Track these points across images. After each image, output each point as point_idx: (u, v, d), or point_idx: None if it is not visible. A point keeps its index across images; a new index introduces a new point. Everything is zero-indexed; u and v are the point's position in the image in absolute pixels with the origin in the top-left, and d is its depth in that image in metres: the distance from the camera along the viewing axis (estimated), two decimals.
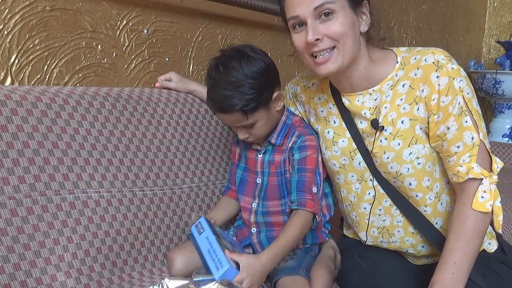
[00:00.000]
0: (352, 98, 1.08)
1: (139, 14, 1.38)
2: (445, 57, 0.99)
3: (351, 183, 1.13)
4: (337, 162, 1.13)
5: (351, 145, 1.10)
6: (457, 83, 0.96)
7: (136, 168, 1.18)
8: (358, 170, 1.10)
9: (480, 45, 3.72)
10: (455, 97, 0.96)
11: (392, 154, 1.03)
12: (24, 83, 1.17)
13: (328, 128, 1.14)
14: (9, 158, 0.98)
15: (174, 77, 1.35)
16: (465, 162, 0.97)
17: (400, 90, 1.02)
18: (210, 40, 1.61)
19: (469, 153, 0.97)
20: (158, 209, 1.20)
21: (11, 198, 0.97)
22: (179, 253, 1.14)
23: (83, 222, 1.06)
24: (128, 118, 1.21)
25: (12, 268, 0.94)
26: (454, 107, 0.96)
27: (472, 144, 0.96)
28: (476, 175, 0.96)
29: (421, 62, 1.00)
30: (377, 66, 1.05)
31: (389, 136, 1.03)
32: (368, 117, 1.06)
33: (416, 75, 1.00)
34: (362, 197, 1.12)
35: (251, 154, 1.22)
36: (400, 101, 1.02)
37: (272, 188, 1.17)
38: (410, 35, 2.80)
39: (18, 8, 1.12)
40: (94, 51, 1.29)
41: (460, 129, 0.97)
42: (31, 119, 1.03)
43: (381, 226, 1.11)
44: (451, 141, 0.98)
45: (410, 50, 1.05)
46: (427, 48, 1.03)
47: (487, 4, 3.69)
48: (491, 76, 3.13)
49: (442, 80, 0.97)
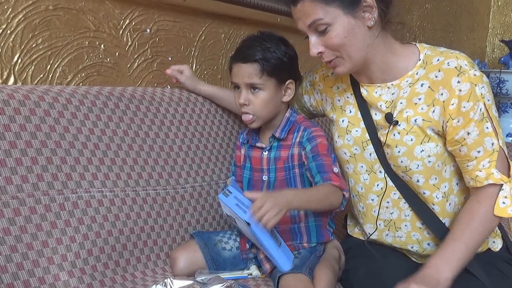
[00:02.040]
0: (370, 89, 1.09)
1: (142, 13, 1.38)
2: (468, 63, 0.99)
3: (359, 174, 1.13)
4: (348, 151, 1.14)
5: (364, 135, 1.11)
6: (479, 90, 0.97)
7: (139, 168, 1.18)
8: (369, 161, 1.11)
9: (484, 44, 3.71)
10: (477, 103, 0.96)
11: (403, 148, 1.04)
12: (27, 82, 1.16)
13: (343, 117, 1.16)
14: (12, 157, 0.98)
15: (187, 71, 1.36)
16: (485, 167, 0.98)
17: (418, 89, 1.02)
18: (213, 40, 1.61)
19: (488, 159, 0.98)
20: (161, 208, 1.20)
21: (14, 198, 0.97)
22: (182, 252, 1.15)
23: (86, 221, 1.06)
24: (131, 117, 1.21)
25: (15, 267, 0.94)
26: (476, 113, 0.97)
27: (492, 150, 0.97)
28: (496, 180, 0.97)
29: (444, 65, 1.00)
30: (397, 58, 1.05)
31: (402, 131, 1.04)
32: (384, 110, 1.07)
33: (436, 77, 1.00)
34: (370, 188, 1.12)
35: (255, 153, 1.22)
36: (418, 100, 1.03)
37: (280, 183, 1.18)
38: (414, 34, 2.79)
39: (21, 8, 1.12)
40: (97, 50, 1.29)
41: (481, 135, 0.97)
42: (34, 118, 1.03)
43: (388, 219, 1.11)
44: (472, 145, 0.98)
45: (434, 49, 1.05)
46: (451, 51, 1.03)
47: (491, 3, 3.67)
48: (495, 76, 3.12)
49: (464, 85, 0.96)
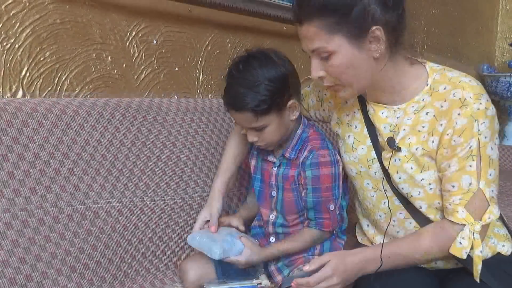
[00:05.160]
0: (377, 109, 1.06)
1: (148, 24, 1.39)
2: (474, 94, 0.94)
3: (366, 190, 1.11)
4: (354, 168, 1.11)
5: (370, 154, 1.08)
6: (477, 126, 0.92)
7: (146, 178, 1.18)
8: (374, 179, 1.09)
9: (493, 48, 3.68)
10: (469, 141, 0.93)
11: (404, 175, 1.02)
12: (35, 95, 1.18)
13: (349, 133, 1.13)
14: (21, 169, 0.99)
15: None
16: (454, 202, 0.95)
17: (423, 117, 1.00)
18: (219, 49, 1.62)
19: (460, 196, 0.94)
20: (170, 218, 1.20)
21: (22, 210, 0.97)
22: (193, 264, 1.13)
23: (94, 232, 1.06)
24: (138, 128, 1.21)
25: (24, 279, 0.94)
26: (463, 150, 0.93)
27: (468, 189, 0.94)
28: (457, 220, 0.94)
29: (450, 95, 0.96)
30: (405, 80, 1.02)
31: (403, 157, 1.01)
32: (386, 133, 1.04)
33: (442, 107, 0.97)
34: (378, 206, 1.10)
35: (267, 166, 1.19)
36: (422, 128, 1.00)
37: (289, 204, 1.16)
38: (421, 40, 2.78)
39: (29, 22, 1.14)
40: (104, 62, 1.30)
41: (460, 171, 0.94)
42: (41, 130, 1.04)
43: (395, 236, 1.09)
44: (449, 179, 0.96)
45: (442, 72, 1.00)
46: (460, 78, 0.97)
47: (498, 7, 3.66)
48: (504, 79, 3.09)
49: (461, 120, 0.93)
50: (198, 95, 1.59)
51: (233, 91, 1.07)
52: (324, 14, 0.91)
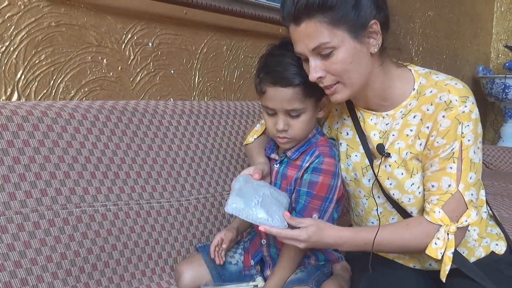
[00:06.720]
0: (366, 116, 1.06)
1: (144, 27, 1.39)
2: (459, 97, 0.94)
3: (359, 197, 1.12)
4: (348, 176, 1.12)
5: (364, 161, 1.08)
6: (461, 128, 0.94)
7: (142, 181, 1.18)
8: (367, 187, 1.09)
9: (489, 50, 3.70)
10: (451, 143, 0.94)
11: (394, 182, 1.02)
12: (30, 98, 1.17)
13: (341, 140, 1.13)
14: (16, 173, 0.99)
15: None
16: (432, 202, 0.96)
17: (410, 120, 1.00)
18: (215, 52, 1.62)
19: (438, 196, 0.96)
20: (165, 221, 1.19)
21: (18, 213, 0.97)
22: (188, 266, 1.13)
23: (90, 235, 1.06)
24: (134, 130, 1.21)
25: (19, 283, 0.94)
26: (445, 151, 0.95)
27: (446, 190, 0.95)
28: (433, 220, 0.95)
29: (436, 98, 0.97)
30: (394, 84, 1.02)
31: (393, 163, 1.02)
32: (376, 140, 1.05)
33: (428, 110, 0.98)
34: (370, 212, 1.11)
35: (270, 163, 1.17)
36: (410, 131, 1.00)
37: None
38: (417, 42, 2.79)
39: (24, 25, 1.14)
40: (99, 65, 1.30)
41: (441, 172, 0.95)
42: (37, 134, 1.03)
43: None
44: (429, 178, 0.97)
45: (428, 76, 1.01)
46: (446, 81, 0.98)
47: (494, 9, 3.68)
48: (500, 81, 3.11)
49: (445, 122, 0.94)
50: (194, 97, 1.59)
51: (283, 64, 1.01)
52: (325, 10, 0.91)
